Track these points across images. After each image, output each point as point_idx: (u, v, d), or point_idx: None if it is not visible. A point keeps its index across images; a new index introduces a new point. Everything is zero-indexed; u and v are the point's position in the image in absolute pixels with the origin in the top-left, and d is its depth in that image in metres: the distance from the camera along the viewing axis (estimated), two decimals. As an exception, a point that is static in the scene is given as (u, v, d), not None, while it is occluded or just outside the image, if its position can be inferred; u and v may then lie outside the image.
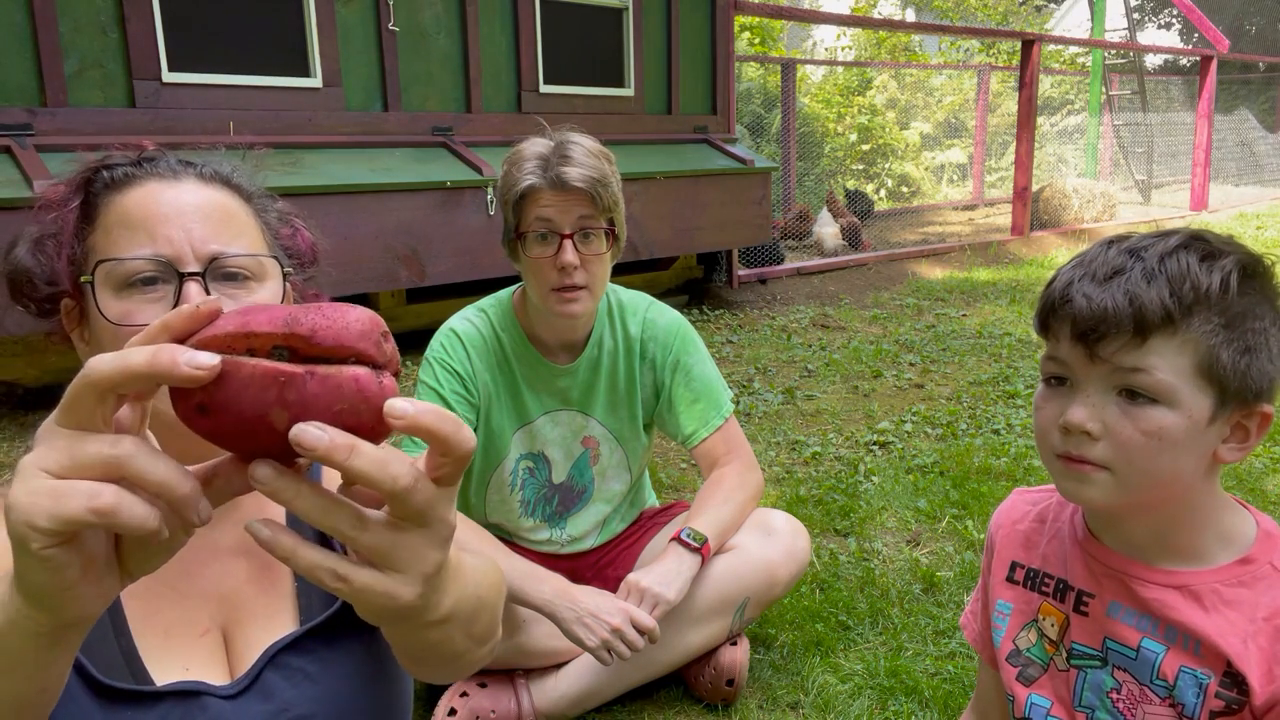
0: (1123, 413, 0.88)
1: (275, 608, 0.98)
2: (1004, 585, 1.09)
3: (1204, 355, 0.86)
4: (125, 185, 0.90)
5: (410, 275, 4.20)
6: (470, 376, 1.78)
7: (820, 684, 1.86)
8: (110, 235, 0.89)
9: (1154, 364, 0.87)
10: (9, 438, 3.40)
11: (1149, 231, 0.93)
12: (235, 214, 0.93)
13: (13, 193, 3.16)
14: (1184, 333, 0.86)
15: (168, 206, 0.89)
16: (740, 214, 5.57)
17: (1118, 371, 0.88)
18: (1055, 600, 1.03)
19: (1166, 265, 0.87)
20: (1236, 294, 0.86)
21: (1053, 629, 1.03)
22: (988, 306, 5.75)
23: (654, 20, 5.48)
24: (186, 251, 0.88)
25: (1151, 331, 0.86)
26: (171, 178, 0.91)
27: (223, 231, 0.90)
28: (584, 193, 1.63)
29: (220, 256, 0.89)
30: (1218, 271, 0.86)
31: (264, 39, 4.06)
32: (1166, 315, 0.85)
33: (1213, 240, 0.89)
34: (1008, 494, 1.15)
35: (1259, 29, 20.71)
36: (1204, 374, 0.87)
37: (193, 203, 0.90)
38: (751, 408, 3.74)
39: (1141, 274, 0.87)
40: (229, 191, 0.94)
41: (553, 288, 1.68)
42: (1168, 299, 0.85)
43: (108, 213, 0.90)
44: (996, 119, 12.71)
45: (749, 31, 12.14)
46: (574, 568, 1.91)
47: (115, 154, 0.94)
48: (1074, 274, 0.91)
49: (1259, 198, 11.72)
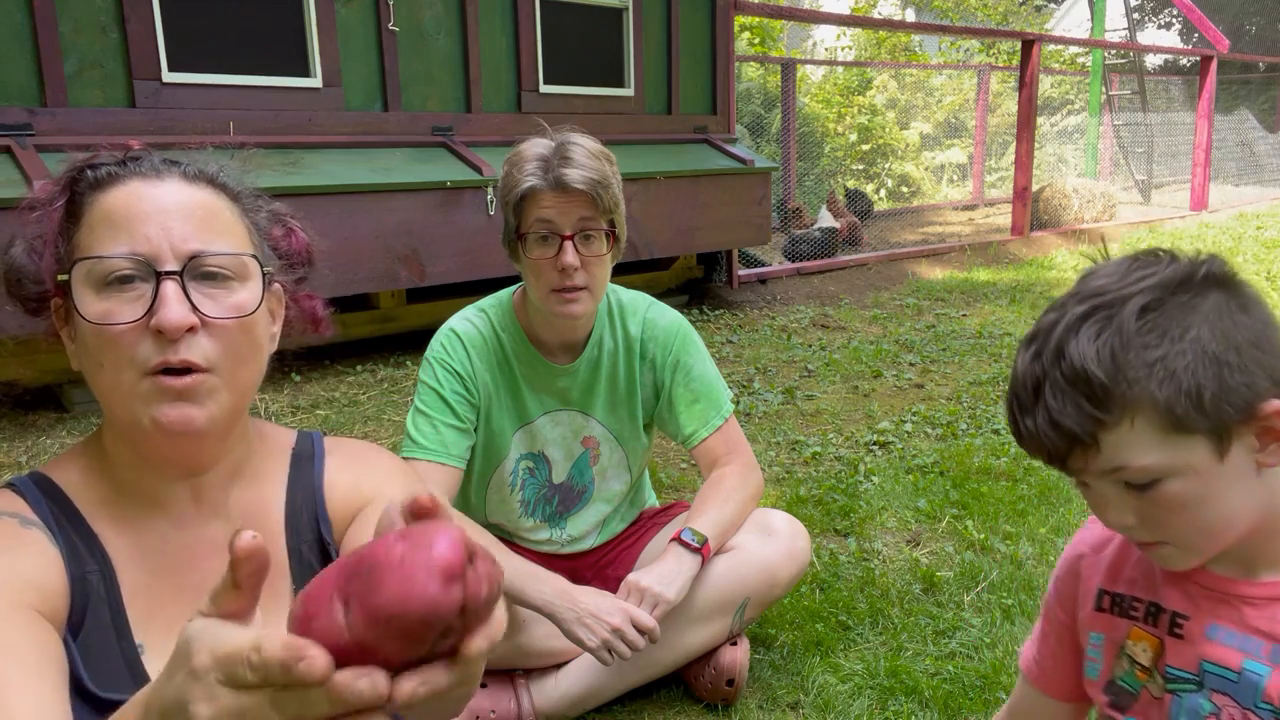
0: (1139, 499, 0.85)
1: (272, 608, 0.97)
2: (1094, 616, 1.04)
3: (1159, 417, 0.82)
4: (109, 184, 0.90)
5: (410, 275, 4.20)
6: (470, 376, 1.78)
7: (820, 684, 1.86)
8: (93, 233, 0.88)
9: (1124, 459, 0.83)
10: (9, 438, 3.40)
11: (1058, 303, 0.88)
12: (218, 213, 0.92)
13: (13, 193, 3.16)
14: (1125, 416, 0.82)
15: (148, 204, 0.88)
16: (740, 214, 5.57)
17: (1103, 475, 0.86)
18: (1146, 624, 0.98)
19: (1065, 369, 0.83)
20: (1147, 341, 0.81)
21: (1145, 654, 0.98)
22: (988, 306, 5.75)
23: (654, 20, 5.48)
24: (165, 250, 0.87)
25: (1095, 439, 0.83)
26: (155, 177, 0.91)
27: (204, 230, 0.90)
28: (585, 194, 1.63)
29: (199, 255, 0.88)
30: (1117, 337, 0.82)
31: (264, 39, 4.06)
32: (1094, 420, 0.82)
33: (1109, 292, 0.84)
34: (1008, 494, 1.14)
35: (1259, 29, 20.70)
36: (1175, 429, 0.82)
37: (174, 201, 0.89)
38: (751, 408, 3.74)
39: (1051, 391, 0.84)
40: (214, 191, 0.94)
41: (553, 289, 1.68)
42: (1085, 407, 0.82)
43: (91, 211, 0.90)
44: (996, 119, 12.71)
45: (749, 31, 12.14)
46: (574, 568, 1.91)
47: (102, 153, 0.93)
48: (1011, 401, 0.89)
49: (1259, 198, 11.71)
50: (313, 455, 1.07)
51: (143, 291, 0.87)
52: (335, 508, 1.04)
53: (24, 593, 0.82)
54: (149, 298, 0.86)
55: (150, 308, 0.86)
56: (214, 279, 0.89)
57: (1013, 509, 2.65)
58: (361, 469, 1.08)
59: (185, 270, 0.87)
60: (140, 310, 0.86)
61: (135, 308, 0.86)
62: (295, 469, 1.06)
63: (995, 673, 1.85)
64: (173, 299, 0.85)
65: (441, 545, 0.50)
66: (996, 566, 2.31)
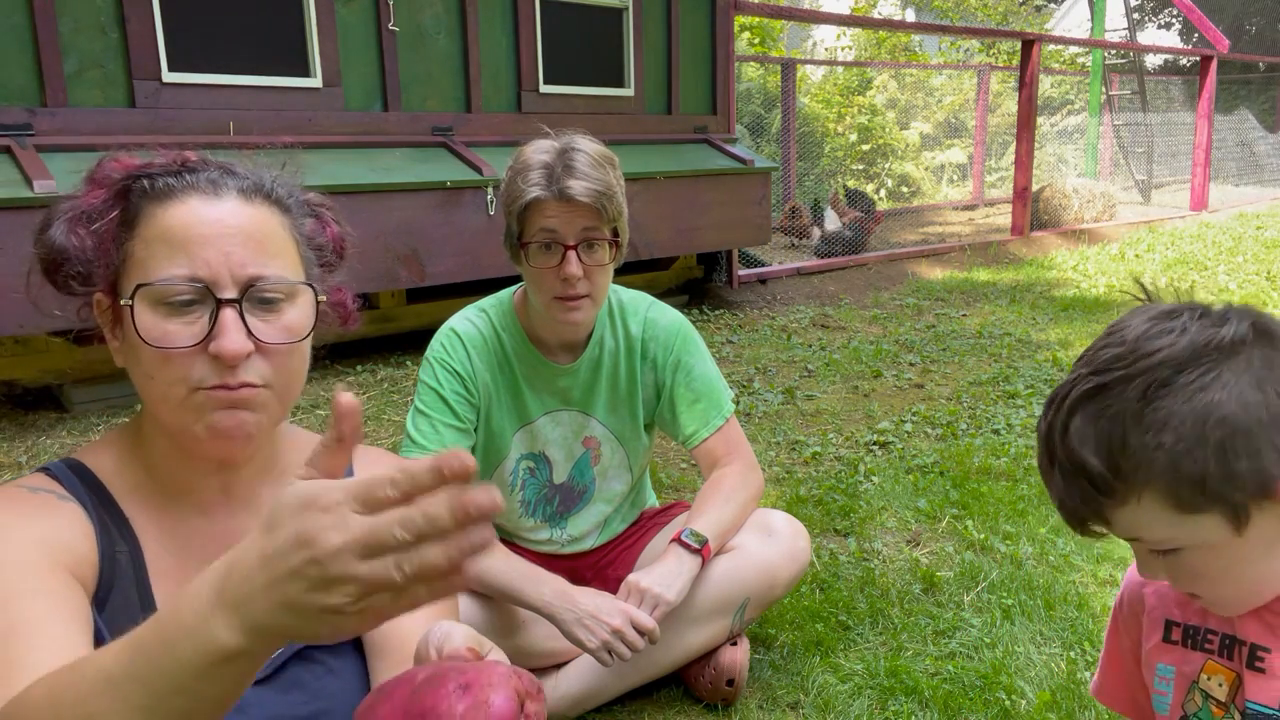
0: (1163, 561, 0.86)
1: None
2: (1162, 648, 1.00)
3: (1168, 498, 0.80)
4: (166, 198, 0.90)
5: (410, 275, 4.20)
6: (471, 377, 1.78)
7: (820, 684, 1.85)
8: (150, 249, 0.89)
9: (1138, 532, 0.84)
10: (9, 438, 3.40)
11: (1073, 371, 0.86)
12: (274, 233, 0.93)
13: (13, 193, 3.16)
14: (1132, 496, 0.81)
15: (207, 227, 0.89)
16: (740, 214, 5.57)
17: (1126, 538, 0.86)
18: (1221, 658, 0.95)
19: (1067, 460, 0.83)
20: (1147, 426, 0.79)
21: (1221, 689, 0.94)
22: (988, 306, 5.75)
23: (654, 20, 5.48)
24: (225, 275, 0.88)
25: (1107, 517, 0.83)
26: (212, 194, 0.91)
27: (260, 253, 0.90)
28: (589, 206, 1.63)
29: (257, 282, 0.89)
30: (1115, 427, 0.80)
31: (264, 39, 4.06)
32: (1099, 504, 0.83)
33: (1109, 374, 0.82)
34: (1008, 494, 1.13)
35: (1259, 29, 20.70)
36: (1185, 509, 0.80)
37: (233, 224, 0.90)
38: (751, 408, 3.74)
39: (1058, 474, 0.85)
40: (269, 207, 0.94)
41: (555, 296, 1.69)
42: (1089, 491, 0.82)
43: (148, 224, 0.90)
44: (996, 119, 12.71)
45: (749, 31, 12.14)
46: (574, 568, 1.91)
47: (156, 161, 0.93)
48: (1040, 461, 0.90)
49: (1259, 198, 11.72)
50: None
51: (201, 314, 0.88)
52: None
53: (59, 553, 0.86)
54: (207, 322, 0.88)
55: (209, 333, 0.87)
56: (268, 303, 0.91)
57: (1013, 509, 2.65)
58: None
59: (243, 296, 0.89)
60: (198, 334, 0.88)
61: (193, 330, 0.88)
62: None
63: (995, 673, 1.85)
64: (232, 327, 0.87)
65: (499, 702, 0.57)
66: (996, 566, 2.31)
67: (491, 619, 1.70)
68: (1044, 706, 1.74)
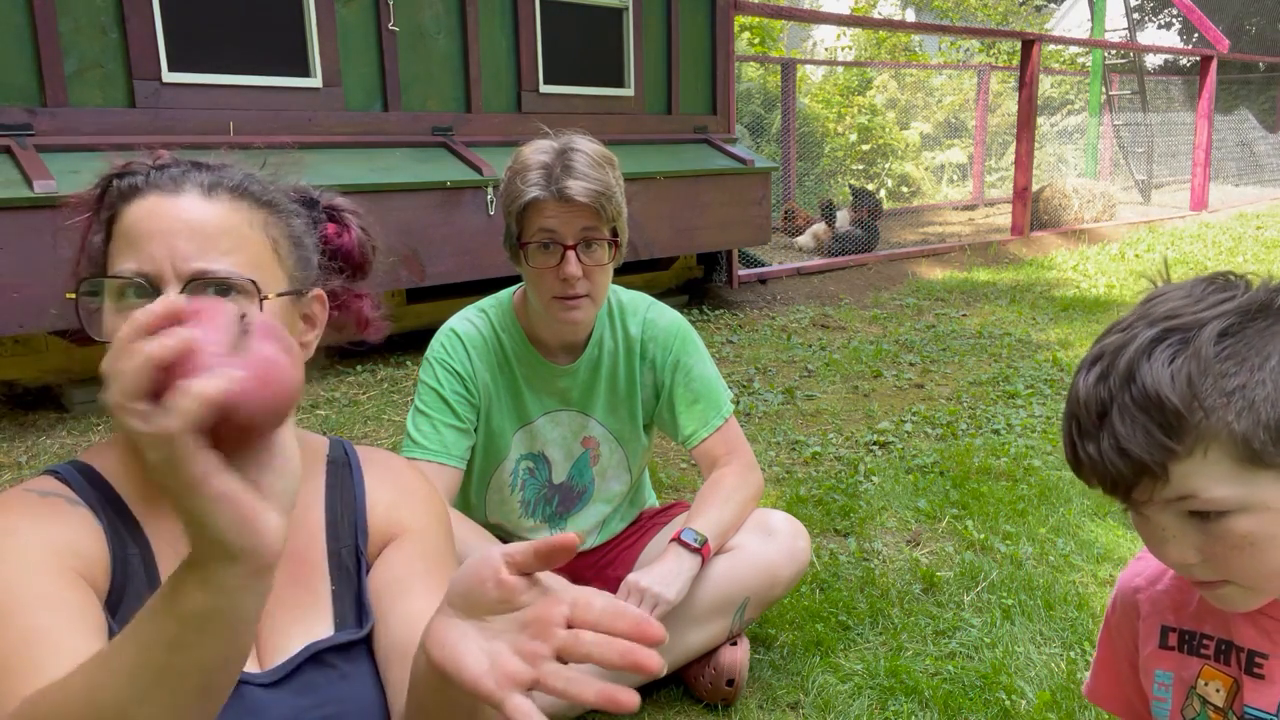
0: (1203, 533, 0.80)
1: (309, 605, 1.00)
2: (1159, 654, 0.99)
3: (1235, 449, 0.77)
4: (132, 196, 0.91)
5: (410, 275, 4.20)
6: (470, 377, 1.78)
7: (820, 684, 1.85)
8: (115, 246, 0.91)
9: (1194, 487, 0.78)
10: (9, 438, 3.40)
11: (1123, 325, 0.83)
12: (231, 229, 0.92)
13: (13, 193, 3.16)
14: (1199, 445, 0.77)
15: (158, 222, 0.89)
16: (740, 214, 5.57)
17: (1170, 503, 0.80)
18: (1218, 663, 0.93)
19: (1135, 393, 0.78)
20: (1226, 368, 0.77)
21: (1218, 695, 0.93)
22: (988, 306, 5.75)
23: (654, 20, 5.48)
24: (167, 270, 0.88)
25: (1165, 469, 0.78)
26: (171, 190, 0.91)
27: (210, 248, 0.90)
28: (587, 206, 1.63)
29: (202, 276, 0.89)
30: (1193, 362, 0.77)
31: (264, 39, 4.06)
32: (1165, 449, 0.77)
33: (1182, 316, 0.79)
34: (1008, 494, 1.12)
35: (1259, 29, 20.71)
36: (1251, 462, 0.77)
37: (183, 219, 0.90)
38: (751, 408, 3.74)
39: (1120, 416, 0.78)
40: (233, 202, 0.93)
41: (555, 296, 1.69)
42: (1156, 434, 0.77)
43: (119, 223, 0.92)
44: (996, 119, 12.71)
45: (749, 31, 12.14)
46: (574, 568, 1.91)
47: (135, 162, 0.94)
48: (1071, 428, 0.83)
49: (1259, 198, 11.72)
50: (348, 463, 1.09)
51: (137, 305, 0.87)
52: (375, 523, 1.06)
53: (69, 558, 0.86)
54: None
55: None
56: (223, 295, 0.90)
57: (1013, 509, 2.65)
58: (401, 494, 1.09)
59: (186, 289, 0.88)
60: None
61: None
62: (332, 475, 1.08)
63: (995, 673, 1.85)
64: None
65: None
66: (996, 566, 2.31)
67: (491, 619, 1.70)
68: (1044, 706, 1.74)
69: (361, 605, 1.03)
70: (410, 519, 1.08)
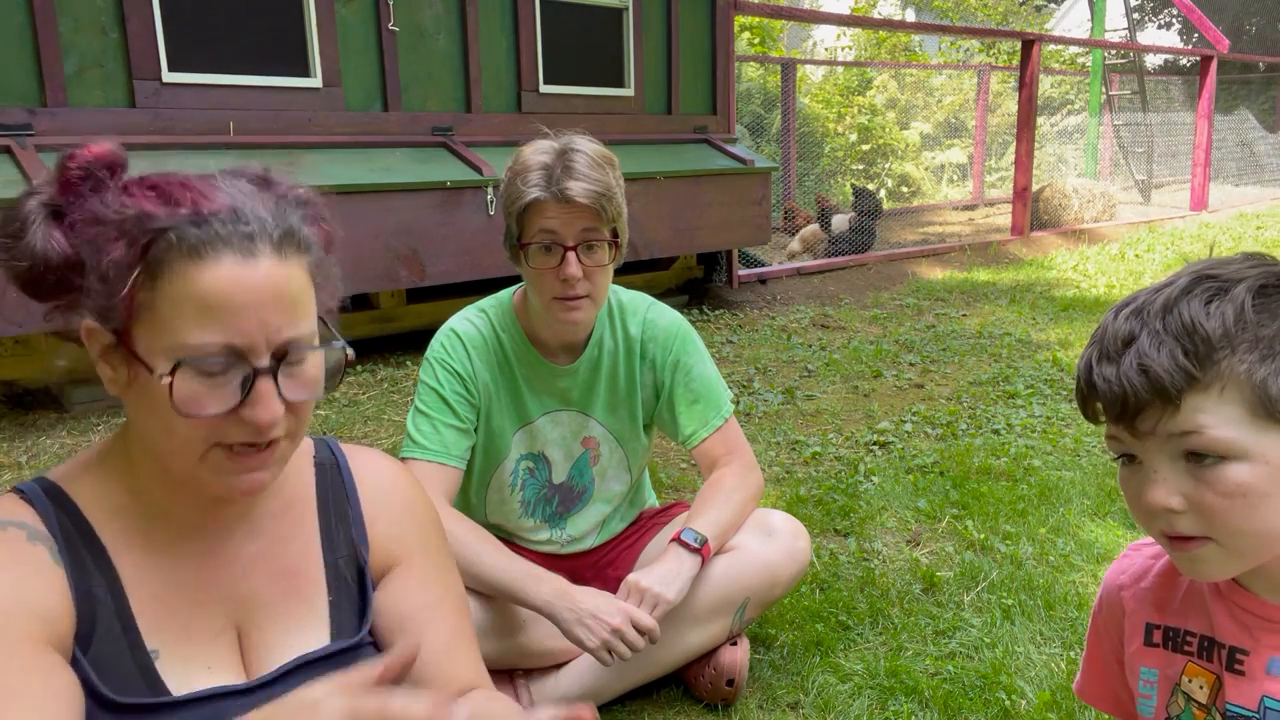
0: (1196, 479, 0.81)
1: (303, 616, 1.00)
2: (1144, 651, 0.99)
3: (1252, 394, 0.79)
4: (197, 255, 0.83)
5: (410, 275, 4.20)
6: (471, 377, 1.78)
7: (820, 684, 1.85)
8: (179, 310, 0.83)
9: (1202, 423, 0.79)
10: (9, 438, 3.40)
11: (1160, 282, 0.86)
12: (303, 286, 0.90)
13: (13, 193, 3.16)
14: (1217, 382, 0.79)
15: (244, 295, 0.84)
16: (740, 214, 5.57)
17: (1171, 439, 0.81)
18: (1201, 660, 0.94)
19: (1169, 322, 0.80)
20: (1260, 319, 0.79)
21: (1202, 691, 0.93)
22: (988, 306, 5.75)
23: (654, 20, 5.48)
24: (261, 344, 0.85)
25: (1179, 395, 0.79)
26: (247, 253, 0.85)
27: (294, 314, 0.88)
28: (588, 207, 1.63)
29: (290, 346, 0.87)
30: (1230, 305, 0.79)
31: (264, 39, 4.06)
32: (1186, 375, 0.79)
33: (1221, 271, 0.82)
34: (1008, 493, 1.12)
35: (1259, 29, 20.71)
36: (1262, 413, 0.79)
37: (269, 288, 0.85)
38: (751, 408, 3.74)
39: (1149, 339, 0.81)
40: (298, 256, 0.89)
41: (555, 296, 1.69)
42: (1181, 358, 0.79)
43: (175, 282, 0.83)
44: (996, 119, 12.71)
45: (749, 31, 12.14)
46: (574, 568, 1.91)
47: (180, 213, 0.84)
48: (1091, 354, 0.85)
49: (1259, 198, 11.72)
50: (337, 466, 1.09)
51: (233, 378, 0.85)
52: (375, 541, 1.07)
53: (26, 622, 0.83)
54: (239, 388, 0.85)
55: (242, 400, 0.85)
56: (296, 363, 0.90)
57: (1013, 509, 2.65)
58: (396, 510, 1.10)
59: (277, 362, 0.87)
60: (230, 400, 0.85)
61: (225, 395, 0.85)
62: (322, 479, 1.07)
63: (995, 673, 1.85)
64: (268, 397, 0.86)
65: None
66: (996, 566, 2.31)
67: (491, 618, 1.70)
68: (1044, 706, 1.74)
69: (364, 616, 1.03)
70: (410, 541, 1.09)
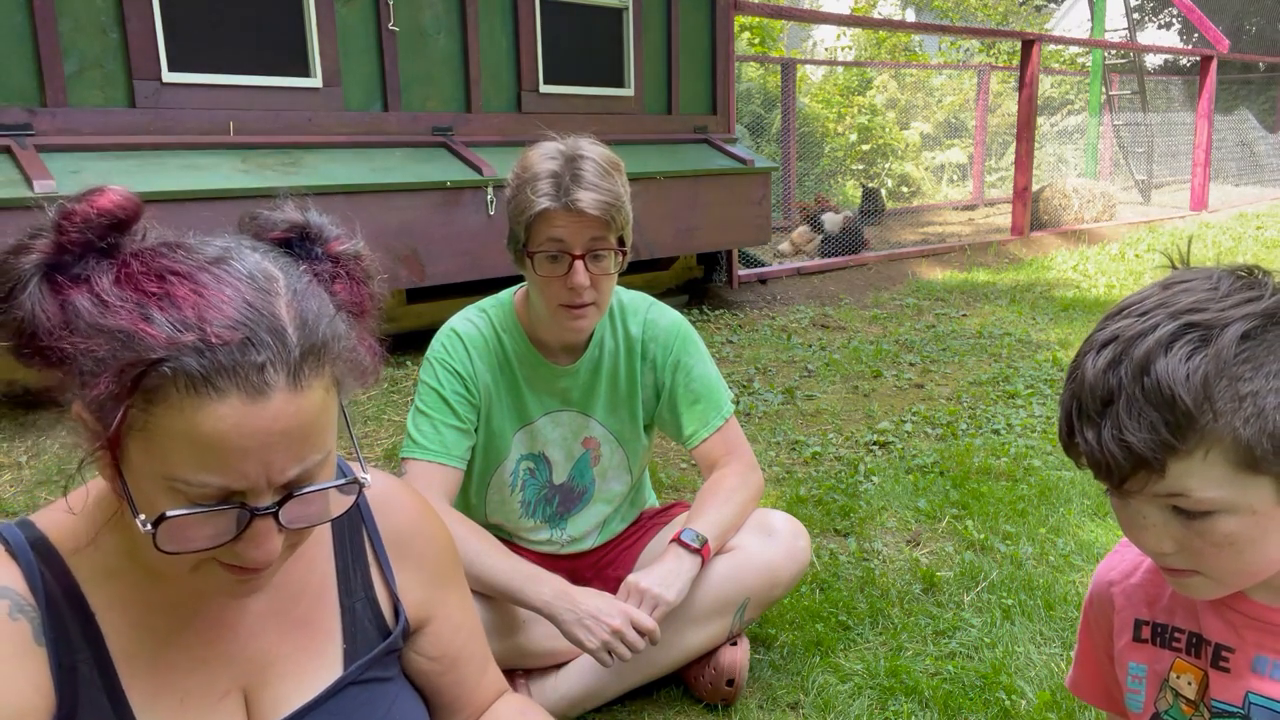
0: (1185, 528, 0.81)
1: (316, 671, 0.97)
2: (1133, 647, 1.00)
3: (1236, 454, 0.77)
4: (196, 391, 0.72)
5: (410, 275, 4.20)
6: (471, 377, 1.78)
7: (820, 684, 1.86)
8: (173, 444, 0.73)
9: (1187, 487, 0.78)
10: (9, 438, 3.40)
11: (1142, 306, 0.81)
12: (321, 410, 0.78)
13: (13, 193, 3.16)
14: (1200, 446, 0.77)
15: (248, 440, 0.73)
16: (740, 214, 5.57)
17: (1155, 498, 0.81)
18: (1189, 656, 0.94)
19: (1149, 387, 0.77)
20: (1243, 371, 0.76)
21: (1190, 687, 0.94)
22: (988, 306, 5.75)
23: (654, 20, 5.48)
24: (263, 486, 0.76)
25: (1163, 465, 0.78)
26: (256, 391, 0.73)
27: (304, 449, 0.77)
28: (597, 218, 1.63)
29: (295, 486, 0.79)
30: (1211, 363, 0.76)
31: (264, 39, 4.06)
32: (1167, 447, 0.77)
33: (1205, 314, 0.78)
34: (1008, 493, 1.12)
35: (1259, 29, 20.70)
36: (1246, 469, 0.77)
37: (277, 430, 0.74)
38: (751, 408, 3.74)
39: (1126, 407, 0.77)
40: (318, 373, 0.77)
41: (561, 304, 1.69)
42: (1162, 432, 0.76)
43: (170, 413, 0.72)
44: (996, 119, 12.71)
45: (749, 31, 12.14)
46: (574, 568, 1.91)
47: (182, 340, 0.72)
48: (1071, 407, 0.82)
49: (1259, 198, 11.72)
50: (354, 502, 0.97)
51: (228, 515, 0.77)
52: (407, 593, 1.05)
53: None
54: (234, 523, 0.78)
55: (236, 535, 0.78)
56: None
57: (1013, 509, 2.65)
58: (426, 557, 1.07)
59: (279, 502, 0.78)
60: (223, 534, 0.78)
61: (218, 528, 0.77)
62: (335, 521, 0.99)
63: (995, 673, 1.85)
64: (265, 537, 0.78)
65: None
66: (996, 566, 2.31)
67: (492, 619, 1.70)
68: (1044, 706, 1.75)
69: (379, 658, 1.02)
70: (441, 580, 1.08)
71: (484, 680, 1.14)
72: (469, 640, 1.11)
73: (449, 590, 1.10)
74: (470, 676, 1.11)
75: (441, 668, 1.08)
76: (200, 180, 3.63)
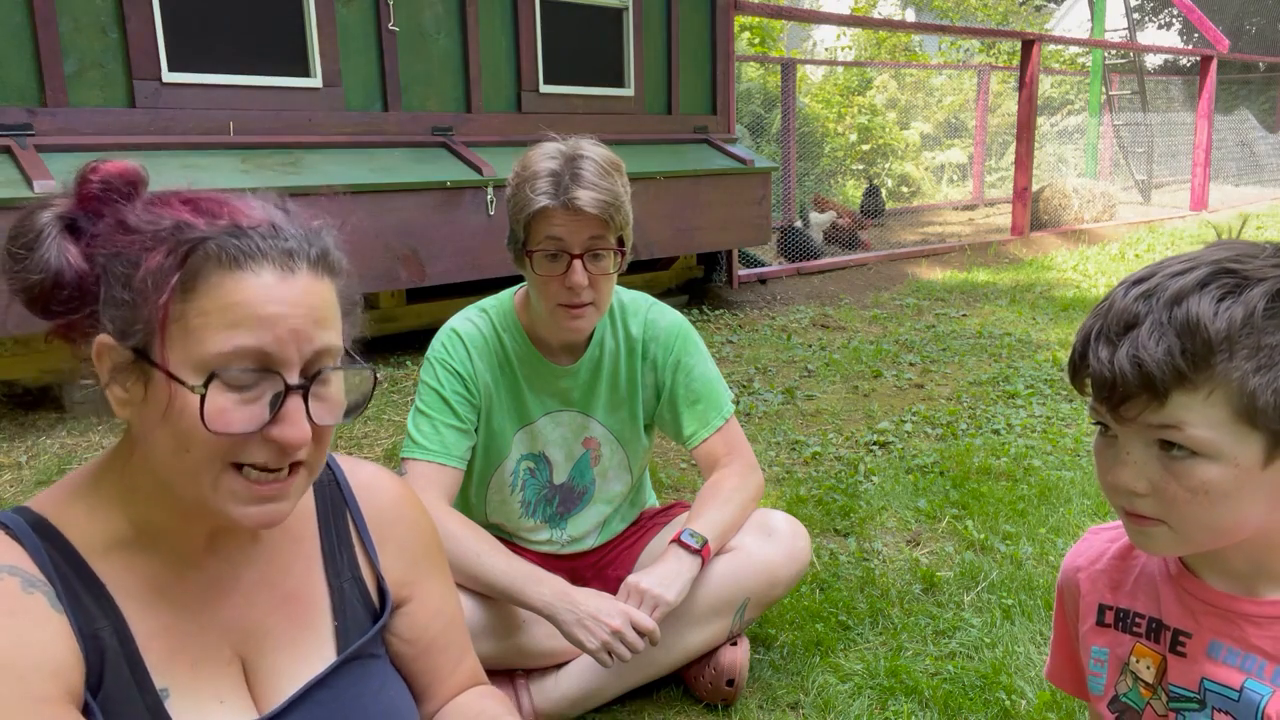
0: (1165, 467, 0.82)
1: (309, 643, 0.99)
2: (1096, 631, 1.02)
3: (1239, 401, 0.78)
4: (235, 266, 0.83)
5: (410, 275, 4.20)
6: (471, 377, 1.78)
7: (820, 684, 1.85)
8: (209, 320, 0.82)
9: (1183, 420, 0.80)
10: (9, 438, 3.40)
11: (1181, 262, 0.84)
12: (335, 307, 0.89)
13: (13, 193, 3.16)
14: (1207, 384, 0.79)
15: (281, 306, 0.83)
16: (740, 214, 5.57)
17: (1151, 428, 0.82)
18: (1149, 641, 0.96)
19: (1176, 315, 0.79)
20: (1268, 326, 0.78)
21: (1148, 671, 0.96)
22: (988, 306, 5.75)
23: (654, 20, 5.48)
24: (294, 357, 0.84)
25: (1167, 392, 0.79)
26: (287, 268, 0.85)
27: (326, 328, 0.87)
28: (596, 217, 1.63)
29: (321, 359, 0.86)
30: (1241, 307, 0.78)
31: (264, 39, 4.06)
32: (1178, 374, 0.78)
33: (1244, 266, 0.81)
34: (1008, 493, 1.13)
35: (1259, 29, 20.71)
36: (1244, 419, 0.79)
37: (305, 302, 0.85)
38: (751, 408, 3.74)
39: (1150, 329, 0.80)
40: (330, 278, 0.89)
41: (560, 304, 1.69)
42: (1177, 357, 0.78)
43: (209, 293, 0.82)
44: (996, 119, 12.71)
45: (749, 31, 12.14)
46: (574, 568, 1.91)
47: (220, 224, 0.84)
48: (1092, 326, 0.85)
49: (1259, 198, 11.72)
50: (335, 482, 1.08)
51: (261, 395, 0.83)
52: (389, 570, 1.08)
53: (38, 683, 0.79)
54: (267, 405, 0.84)
55: (272, 418, 0.84)
56: (324, 384, 0.88)
57: (1013, 509, 2.65)
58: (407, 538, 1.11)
59: (308, 382, 0.86)
60: (259, 418, 0.83)
61: (253, 412, 0.83)
62: (321, 499, 1.06)
63: (995, 673, 1.85)
64: (298, 417, 0.84)
65: None
66: (996, 566, 2.31)
67: (491, 619, 1.70)
68: (1044, 706, 1.74)
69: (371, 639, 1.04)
70: (422, 562, 1.11)
71: (459, 670, 1.14)
72: (446, 628, 1.12)
73: (428, 574, 1.11)
74: (443, 665, 1.12)
75: (414, 652, 1.09)
76: (200, 180, 3.63)
